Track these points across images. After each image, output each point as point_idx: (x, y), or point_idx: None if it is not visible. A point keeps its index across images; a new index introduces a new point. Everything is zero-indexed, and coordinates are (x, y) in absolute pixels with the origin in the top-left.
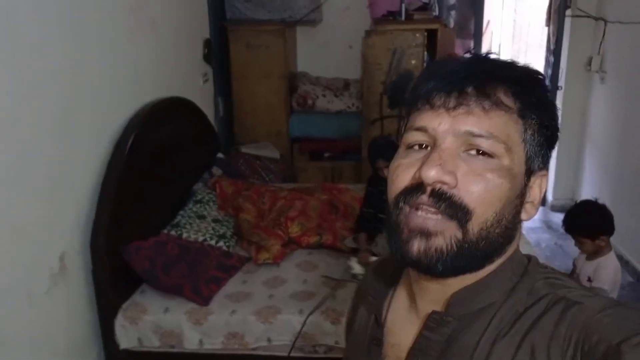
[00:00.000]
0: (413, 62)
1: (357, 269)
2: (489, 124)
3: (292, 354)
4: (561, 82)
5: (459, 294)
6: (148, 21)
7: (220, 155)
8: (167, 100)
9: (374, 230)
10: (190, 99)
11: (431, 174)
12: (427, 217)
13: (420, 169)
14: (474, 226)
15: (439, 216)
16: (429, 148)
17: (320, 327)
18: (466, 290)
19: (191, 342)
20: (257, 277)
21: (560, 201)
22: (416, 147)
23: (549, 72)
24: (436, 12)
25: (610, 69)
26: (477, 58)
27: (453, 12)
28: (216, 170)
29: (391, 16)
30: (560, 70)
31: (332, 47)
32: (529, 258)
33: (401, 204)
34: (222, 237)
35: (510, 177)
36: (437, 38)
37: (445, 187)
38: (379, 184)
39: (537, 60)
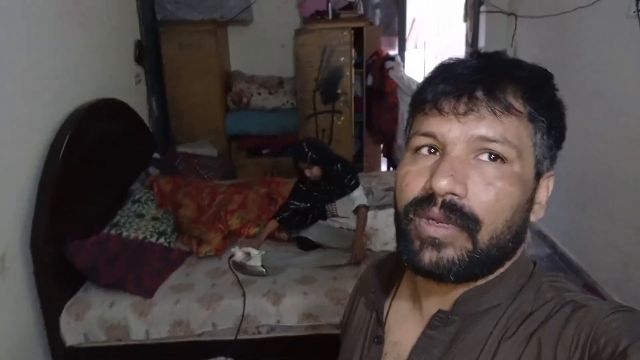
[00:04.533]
0: (342, 59)
1: (239, 256)
2: (502, 129)
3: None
4: None
5: (466, 293)
6: (77, 23)
7: (156, 155)
8: (99, 101)
9: (290, 220)
10: (123, 100)
11: (442, 185)
12: (438, 227)
13: (431, 179)
14: (484, 236)
15: (450, 227)
16: (437, 153)
17: (262, 309)
18: (474, 290)
19: (137, 333)
20: (199, 270)
21: None
22: (424, 152)
23: None
24: (361, 11)
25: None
26: (485, 60)
27: (378, 11)
28: (153, 170)
29: (319, 15)
30: None
31: (264, 45)
32: (534, 262)
33: (411, 215)
34: (162, 234)
35: (522, 183)
36: (363, 36)
37: (456, 198)
38: (304, 181)
39: (461, 55)
